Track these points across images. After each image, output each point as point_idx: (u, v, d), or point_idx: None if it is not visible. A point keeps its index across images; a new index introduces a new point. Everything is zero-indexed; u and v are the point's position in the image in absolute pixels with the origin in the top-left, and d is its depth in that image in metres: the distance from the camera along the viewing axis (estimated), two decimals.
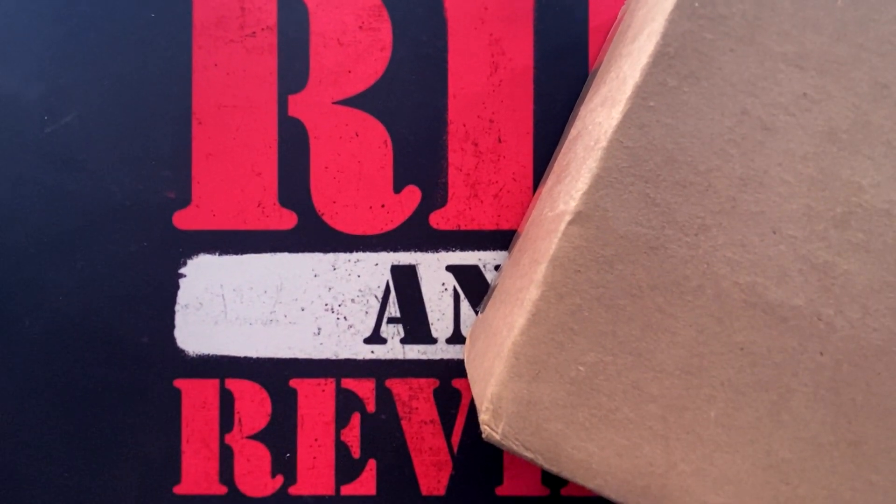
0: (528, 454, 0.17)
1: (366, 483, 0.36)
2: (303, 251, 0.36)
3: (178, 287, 0.36)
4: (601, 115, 0.18)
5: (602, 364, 0.17)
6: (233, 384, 0.36)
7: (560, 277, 0.17)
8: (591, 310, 0.17)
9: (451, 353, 0.36)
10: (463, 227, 0.36)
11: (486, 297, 0.35)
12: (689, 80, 0.17)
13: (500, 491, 0.35)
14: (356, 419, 0.36)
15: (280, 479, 0.36)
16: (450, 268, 0.36)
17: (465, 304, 0.36)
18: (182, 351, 0.36)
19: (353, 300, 0.36)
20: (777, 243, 0.17)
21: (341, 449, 0.36)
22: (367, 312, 0.36)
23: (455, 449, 0.36)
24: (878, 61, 0.17)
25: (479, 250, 0.36)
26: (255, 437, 0.36)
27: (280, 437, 0.36)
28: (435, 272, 0.36)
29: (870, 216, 0.17)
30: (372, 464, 0.36)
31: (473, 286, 0.36)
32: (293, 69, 0.36)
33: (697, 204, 0.17)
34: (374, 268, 0.36)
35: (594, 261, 0.17)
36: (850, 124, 0.17)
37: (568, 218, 0.17)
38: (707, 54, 0.17)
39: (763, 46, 0.17)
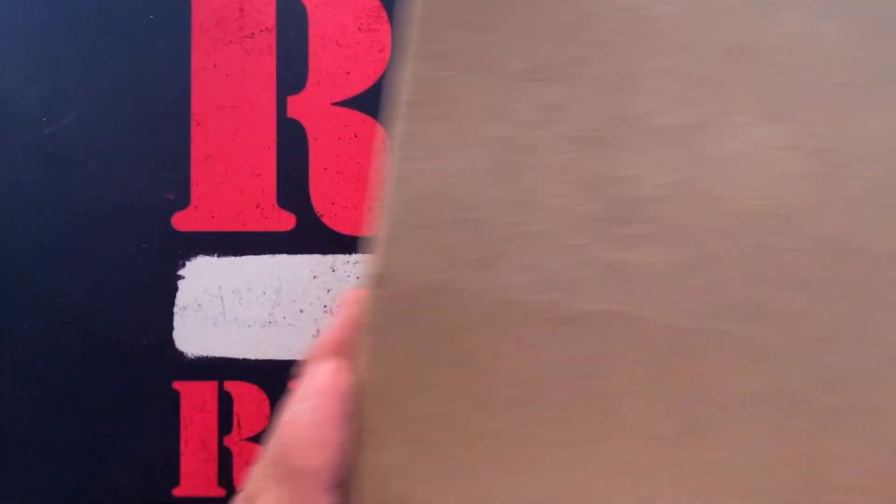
0: None
1: None
2: (302, 253, 0.36)
3: (176, 289, 0.36)
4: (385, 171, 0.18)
5: (434, 416, 0.17)
6: (232, 386, 0.36)
7: (373, 340, 0.17)
8: (409, 366, 0.17)
9: None
10: None
11: None
12: (439, 121, 0.17)
13: None
14: None
15: None
16: None
17: None
18: (181, 353, 0.36)
19: None
20: (565, 255, 0.16)
21: None
22: None
23: None
24: (615, 53, 0.17)
25: None
26: (254, 439, 0.36)
27: None
28: None
29: (648, 205, 0.16)
30: None
31: None
32: (292, 70, 0.36)
33: (478, 238, 0.17)
34: None
35: (400, 318, 0.17)
36: (605, 122, 0.17)
37: (366, 283, 0.17)
38: (448, 92, 0.17)
39: (498, 70, 0.17)
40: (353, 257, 0.36)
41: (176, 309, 0.36)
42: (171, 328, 0.36)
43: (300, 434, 0.17)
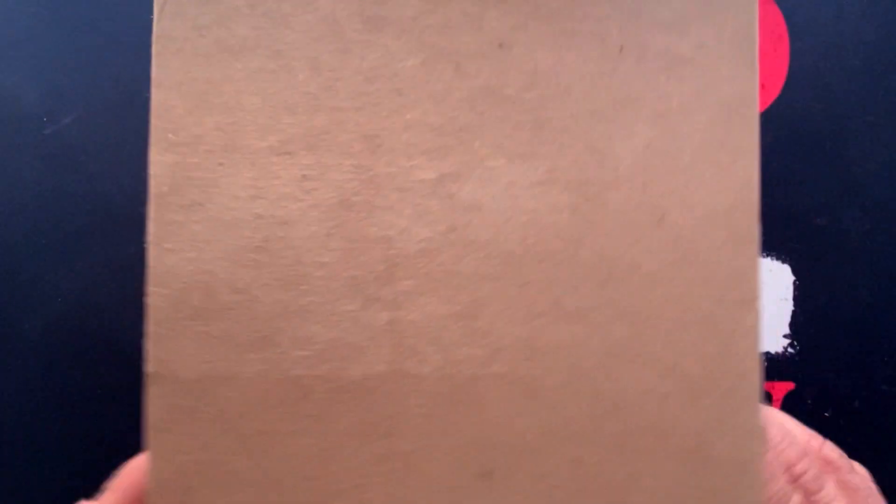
0: None
1: None
2: None
3: None
4: None
5: None
6: None
7: (161, 441, 0.17)
8: (198, 462, 0.17)
9: None
10: None
11: None
12: (193, 209, 0.17)
13: None
14: None
15: None
16: None
17: None
18: None
19: None
20: (340, 323, 0.17)
21: None
22: None
23: None
24: (359, 117, 0.17)
25: None
26: None
27: None
28: None
29: (410, 261, 0.17)
30: None
31: None
32: None
33: (250, 320, 0.17)
34: None
35: (182, 414, 0.17)
36: (359, 185, 0.17)
37: (146, 383, 0.17)
38: (199, 178, 0.17)
39: (248, 148, 0.17)
40: None
41: None
42: None
43: None
